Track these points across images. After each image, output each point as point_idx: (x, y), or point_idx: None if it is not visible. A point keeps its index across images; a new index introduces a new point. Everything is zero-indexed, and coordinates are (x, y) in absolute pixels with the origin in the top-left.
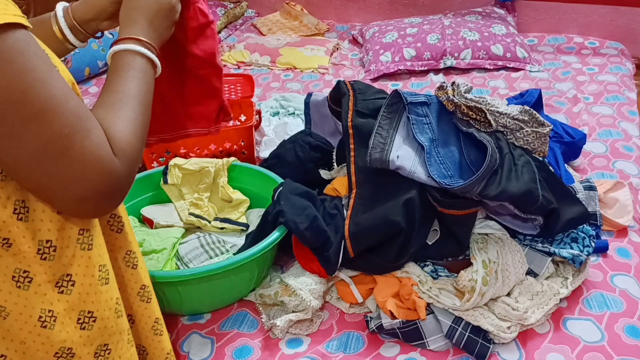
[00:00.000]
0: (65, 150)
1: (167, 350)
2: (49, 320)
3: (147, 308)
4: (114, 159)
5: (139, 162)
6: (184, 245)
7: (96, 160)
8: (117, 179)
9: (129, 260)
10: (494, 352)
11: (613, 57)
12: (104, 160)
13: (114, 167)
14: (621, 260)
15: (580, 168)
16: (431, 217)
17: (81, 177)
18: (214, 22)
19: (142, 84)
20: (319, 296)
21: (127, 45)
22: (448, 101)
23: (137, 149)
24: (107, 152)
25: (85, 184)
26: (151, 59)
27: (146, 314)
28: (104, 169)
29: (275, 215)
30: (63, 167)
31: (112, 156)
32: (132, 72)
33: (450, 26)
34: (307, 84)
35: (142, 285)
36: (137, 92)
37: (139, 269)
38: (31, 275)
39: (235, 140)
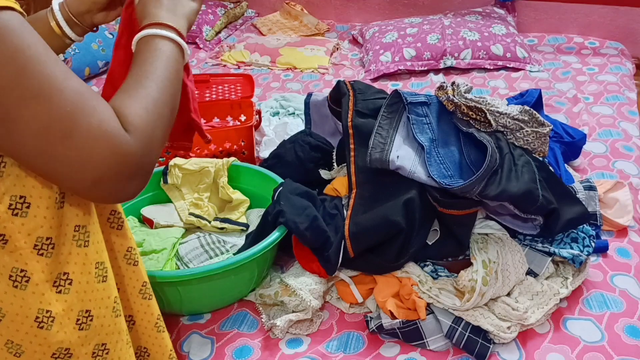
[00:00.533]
0: (70, 129)
1: (170, 348)
2: (47, 321)
3: (149, 305)
4: (124, 134)
5: (159, 140)
6: (184, 245)
7: (105, 137)
8: (131, 155)
9: (130, 257)
10: (494, 352)
11: (613, 57)
12: (113, 136)
13: (125, 142)
14: (621, 260)
15: (580, 168)
16: (431, 217)
17: (91, 156)
18: None
19: (160, 63)
20: (319, 296)
21: (149, 30)
22: (448, 101)
23: (151, 124)
24: (116, 128)
25: (97, 164)
26: (177, 41)
27: (149, 312)
28: (115, 145)
29: (275, 215)
30: (71, 148)
31: (121, 131)
32: (150, 54)
33: (450, 26)
34: (307, 84)
35: (144, 282)
36: (152, 70)
37: (139, 265)
38: (28, 275)
39: (235, 140)
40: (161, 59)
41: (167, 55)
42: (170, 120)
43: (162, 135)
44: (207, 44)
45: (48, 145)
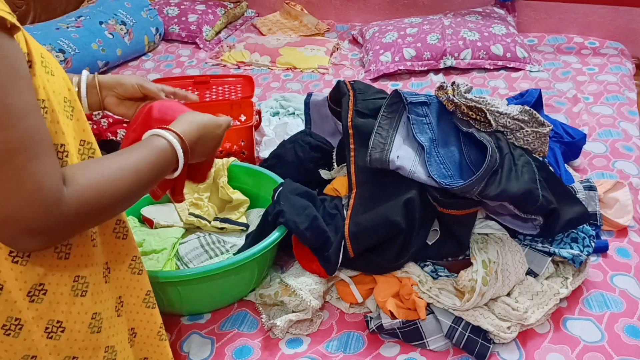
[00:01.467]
0: (4, 163)
1: (170, 357)
2: (14, 328)
3: (152, 314)
4: (59, 195)
5: (92, 220)
6: (184, 245)
7: (33, 184)
8: (53, 213)
9: (135, 266)
10: (494, 352)
11: (613, 57)
12: (44, 190)
13: (53, 201)
14: (621, 260)
15: (580, 168)
16: (431, 217)
17: (12, 195)
18: None
19: (144, 160)
20: (319, 296)
21: (161, 132)
22: (448, 101)
23: (89, 204)
24: (53, 185)
25: (13, 204)
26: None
27: (152, 320)
28: (40, 196)
29: (275, 215)
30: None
31: (58, 191)
32: (143, 149)
33: (450, 26)
34: (307, 84)
35: (147, 291)
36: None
37: (144, 274)
38: (1, 282)
39: (235, 140)
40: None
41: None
42: (111, 211)
43: (97, 216)
44: (207, 44)
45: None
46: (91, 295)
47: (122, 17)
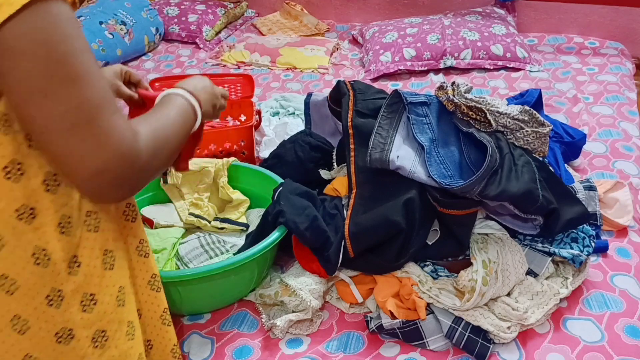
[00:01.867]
0: (92, 118)
1: (174, 342)
2: (56, 299)
3: (156, 297)
4: (137, 145)
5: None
6: (184, 245)
7: (119, 137)
8: (136, 164)
9: (142, 249)
10: (494, 352)
11: (613, 57)
12: (126, 141)
13: (134, 151)
14: (621, 260)
15: (580, 168)
16: (431, 217)
17: (102, 148)
18: None
19: (178, 115)
20: (319, 296)
21: (178, 90)
22: (448, 101)
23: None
24: (131, 136)
25: (104, 157)
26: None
27: (155, 303)
28: (125, 148)
29: (275, 215)
30: (88, 134)
31: (135, 141)
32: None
33: (450, 26)
34: (307, 84)
35: (153, 274)
36: (166, 113)
37: (150, 257)
38: (49, 254)
39: (235, 140)
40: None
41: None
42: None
43: (163, 161)
44: (207, 44)
45: (70, 125)
46: (117, 269)
47: (122, 17)
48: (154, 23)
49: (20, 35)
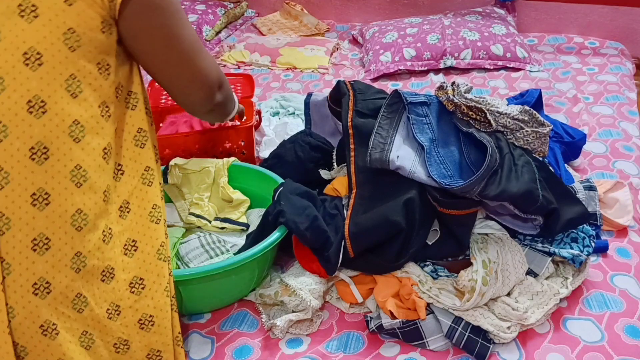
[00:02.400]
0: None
1: (178, 330)
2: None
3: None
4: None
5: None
6: (184, 245)
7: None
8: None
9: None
10: (494, 352)
11: (613, 57)
12: (219, 70)
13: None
14: (621, 260)
15: (580, 168)
16: (431, 217)
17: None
18: None
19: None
20: (319, 296)
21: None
22: (448, 101)
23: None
24: (216, 79)
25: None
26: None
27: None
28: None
29: (275, 215)
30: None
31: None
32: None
33: (450, 26)
34: (307, 84)
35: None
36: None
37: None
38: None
39: (235, 140)
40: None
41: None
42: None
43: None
44: (207, 44)
45: (192, 54)
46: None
47: None
48: None
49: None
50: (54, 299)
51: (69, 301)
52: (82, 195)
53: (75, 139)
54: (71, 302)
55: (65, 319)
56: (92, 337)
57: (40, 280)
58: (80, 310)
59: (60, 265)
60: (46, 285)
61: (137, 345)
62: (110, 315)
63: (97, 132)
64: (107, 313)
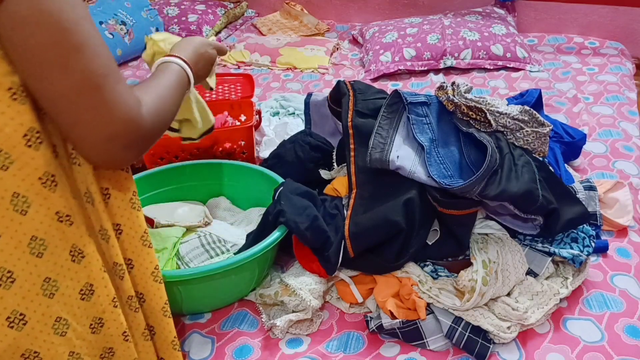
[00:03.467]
0: (101, 86)
1: (174, 334)
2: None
3: (159, 289)
4: (141, 111)
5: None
6: (184, 245)
7: (125, 104)
8: (141, 129)
9: (146, 239)
10: (494, 352)
11: (613, 57)
12: (131, 107)
13: (139, 116)
14: (621, 260)
15: (580, 168)
16: (431, 217)
17: (110, 115)
18: None
19: (175, 81)
20: (319, 296)
21: (172, 59)
22: (448, 101)
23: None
24: (135, 103)
25: (115, 121)
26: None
27: (158, 295)
28: (131, 115)
29: (275, 215)
30: (99, 101)
31: (139, 108)
32: (168, 73)
33: (450, 26)
34: (307, 84)
35: (156, 266)
36: (169, 84)
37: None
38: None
39: (235, 140)
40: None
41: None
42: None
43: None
44: None
45: (78, 95)
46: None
47: (122, 17)
48: (154, 23)
49: (23, 6)
50: (32, 328)
51: (49, 327)
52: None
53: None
54: (52, 328)
55: (49, 346)
56: (79, 356)
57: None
58: (62, 333)
59: (31, 295)
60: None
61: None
62: (94, 330)
63: None
64: (90, 328)
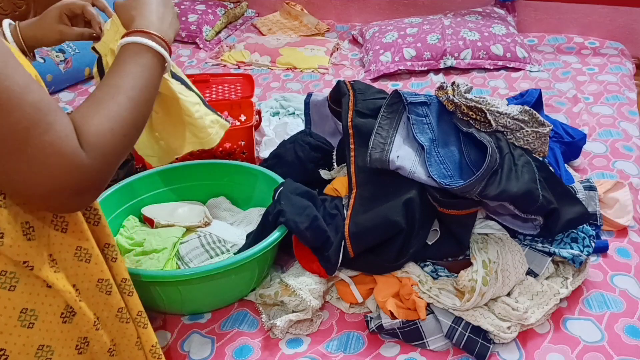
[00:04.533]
0: (23, 144)
1: (152, 343)
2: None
3: (129, 301)
4: (80, 153)
5: (118, 157)
6: (184, 245)
7: (58, 155)
8: (84, 173)
9: (108, 253)
10: (494, 352)
11: (613, 57)
12: (66, 155)
13: (79, 162)
14: (621, 260)
15: (580, 168)
16: (431, 217)
17: (42, 172)
18: None
19: (140, 79)
20: (319, 296)
21: (135, 38)
22: (448, 101)
23: (112, 143)
24: (71, 146)
25: (47, 180)
26: (160, 53)
27: (129, 307)
28: (67, 164)
29: (275, 215)
30: (23, 162)
31: (77, 150)
32: (131, 67)
33: (450, 26)
34: (307, 84)
35: (123, 279)
36: (131, 87)
37: (119, 262)
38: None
39: (235, 140)
40: (141, 74)
41: (148, 71)
42: (134, 139)
43: (122, 153)
44: (207, 44)
45: (5, 155)
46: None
47: None
48: None
49: None
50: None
51: (31, 357)
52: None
53: None
54: (34, 357)
55: None
56: None
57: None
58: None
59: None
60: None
61: None
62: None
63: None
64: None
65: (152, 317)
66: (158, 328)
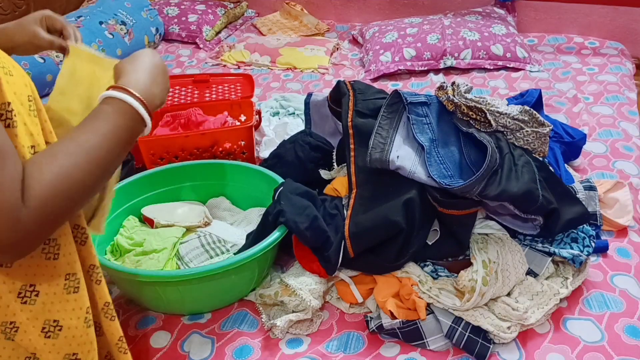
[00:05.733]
0: None
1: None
2: (9, 331)
3: (110, 325)
4: (19, 208)
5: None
6: (184, 245)
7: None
8: (18, 231)
9: (93, 275)
10: (494, 352)
11: (613, 57)
12: (3, 207)
13: (14, 216)
14: (621, 260)
15: (580, 168)
16: (431, 217)
17: None
18: None
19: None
20: (319, 296)
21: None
22: (448, 101)
23: (53, 204)
24: (11, 198)
25: None
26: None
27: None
28: (2, 216)
29: (275, 215)
30: None
31: (16, 203)
32: (100, 123)
33: (450, 26)
34: (307, 84)
35: (106, 302)
36: (96, 147)
37: (102, 285)
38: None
39: (235, 140)
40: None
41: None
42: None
43: (65, 214)
44: (207, 44)
45: None
46: (82, 292)
47: (122, 17)
48: (154, 23)
49: None
50: None
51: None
52: None
53: None
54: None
55: None
56: None
57: None
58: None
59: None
60: None
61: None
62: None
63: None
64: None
65: (152, 318)
66: (158, 328)
